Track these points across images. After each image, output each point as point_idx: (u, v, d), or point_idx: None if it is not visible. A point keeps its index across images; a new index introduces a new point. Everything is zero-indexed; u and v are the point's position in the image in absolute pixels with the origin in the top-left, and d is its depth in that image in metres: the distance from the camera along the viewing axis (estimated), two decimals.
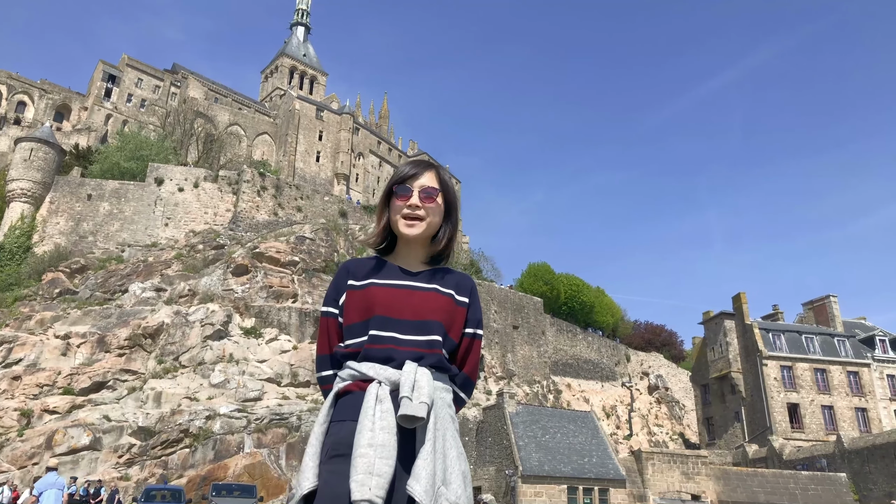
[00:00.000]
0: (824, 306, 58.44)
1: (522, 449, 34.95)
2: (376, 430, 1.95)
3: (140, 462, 32.41)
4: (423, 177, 2.35)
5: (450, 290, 2.30)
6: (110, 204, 54.17)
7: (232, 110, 78.66)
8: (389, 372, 2.09)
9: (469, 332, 2.32)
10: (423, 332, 2.17)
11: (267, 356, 41.10)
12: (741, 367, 53.69)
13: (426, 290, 2.25)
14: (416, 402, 1.99)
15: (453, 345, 2.28)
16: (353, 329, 2.23)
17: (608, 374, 71.06)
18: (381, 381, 2.07)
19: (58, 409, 34.73)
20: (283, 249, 48.59)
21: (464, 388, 2.33)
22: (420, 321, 2.18)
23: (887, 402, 52.62)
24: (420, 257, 2.37)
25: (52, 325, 40.47)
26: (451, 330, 2.26)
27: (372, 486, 1.86)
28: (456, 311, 2.28)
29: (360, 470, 1.88)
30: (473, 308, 2.35)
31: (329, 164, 79.46)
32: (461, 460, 2.07)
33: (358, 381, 2.12)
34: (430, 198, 2.32)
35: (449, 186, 2.42)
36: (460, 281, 2.36)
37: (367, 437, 1.94)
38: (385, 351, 2.13)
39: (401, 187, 2.33)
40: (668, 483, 35.96)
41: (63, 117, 73.04)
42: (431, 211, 2.32)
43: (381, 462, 1.90)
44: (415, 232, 2.30)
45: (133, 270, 47.37)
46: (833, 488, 38.75)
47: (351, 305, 2.26)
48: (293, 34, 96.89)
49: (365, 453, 1.91)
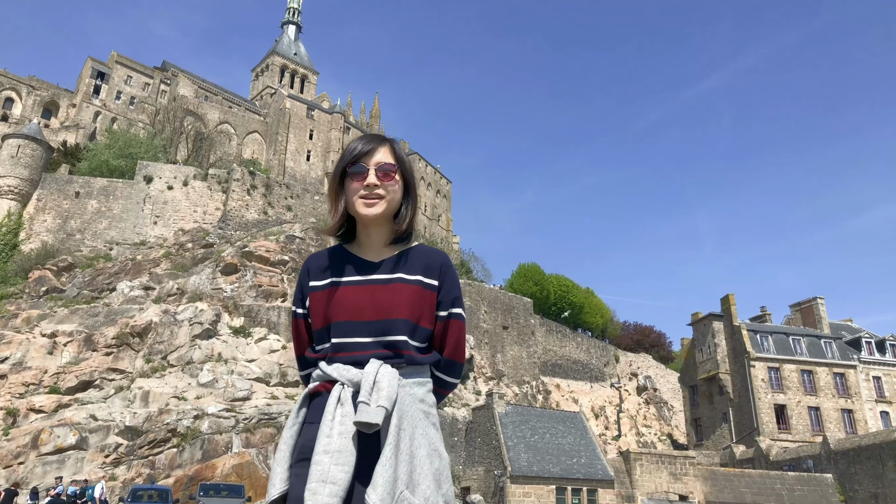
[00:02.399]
0: (811, 308, 58.89)
1: (511, 449, 35.00)
2: (334, 436, 1.87)
3: (127, 462, 32.18)
4: (377, 153, 2.17)
5: (417, 275, 2.12)
6: (98, 202, 53.79)
7: (222, 109, 78.29)
8: (352, 373, 1.99)
9: (443, 315, 2.16)
10: (389, 333, 2.04)
11: (256, 356, 40.93)
12: (729, 369, 54.00)
13: (390, 281, 2.10)
14: (373, 407, 1.88)
15: (428, 332, 2.13)
16: (319, 334, 2.13)
17: (597, 374, 71.28)
18: (345, 384, 1.98)
19: (44, 408, 34.44)
20: (272, 248, 48.43)
21: (448, 372, 2.20)
22: (385, 321, 2.05)
23: (873, 403, 53.08)
24: (382, 240, 2.20)
25: (39, 323, 40.14)
26: (423, 318, 2.10)
27: (324, 493, 1.78)
28: (426, 296, 2.12)
29: (314, 477, 1.81)
30: (446, 287, 2.17)
31: (319, 164, 79.25)
32: (434, 458, 1.94)
33: (325, 383, 2.04)
34: (387, 175, 2.14)
35: (405, 161, 2.24)
36: (429, 261, 2.17)
37: (323, 444, 1.86)
38: (351, 357, 2.04)
39: (355, 167, 2.14)
40: (656, 484, 36.12)
41: (51, 114, 72.44)
42: (391, 189, 2.15)
43: (336, 469, 1.81)
44: (375, 211, 2.12)
45: (121, 269, 47.07)
46: (819, 489, 39.04)
47: (315, 310, 2.15)
48: (284, 33, 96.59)
49: (320, 460, 1.83)
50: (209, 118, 75.02)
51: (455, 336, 2.17)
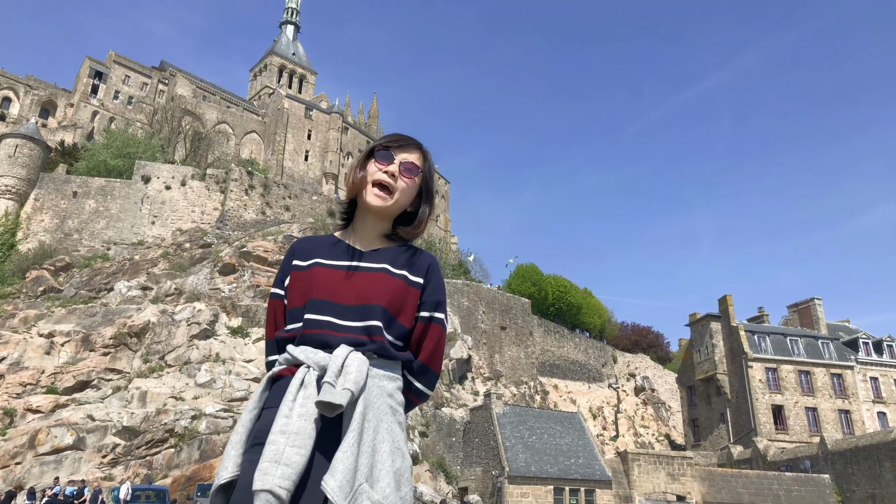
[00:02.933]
0: (809, 309, 59.00)
1: (509, 450, 35.01)
2: (293, 417, 1.79)
3: (124, 462, 32.13)
4: (408, 150, 2.19)
5: (402, 270, 2.10)
6: (96, 201, 53.73)
7: (220, 108, 78.25)
8: (320, 356, 1.92)
9: (424, 316, 2.11)
10: (364, 318, 2.00)
11: (254, 356, 40.89)
12: (727, 369, 54.08)
13: (374, 270, 2.08)
14: (338, 389, 1.81)
15: (404, 330, 2.07)
16: (293, 313, 2.08)
17: (595, 375, 71.33)
18: (311, 366, 1.91)
19: (41, 408, 34.36)
20: (270, 249, 48.39)
21: (421, 378, 2.12)
22: (361, 305, 2.01)
23: (870, 404, 53.18)
24: (376, 232, 2.19)
25: (36, 323, 40.07)
26: (402, 314, 2.06)
27: (276, 475, 1.68)
28: (408, 291, 2.08)
29: (267, 458, 1.72)
30: (431, 288, 2.13)
31: (318, 164, 79.23)
32: (396, 457, 1.85)
33: (291, 366, 1.98)
34: (409, 173, 2.15)
35: (431, 171, 2.26)
36: (417, 260, 2.15)
37: (280, 423, 1.78)
38: (321, 336, 1.98)
39: (383, 153, 2.15)
40: (653, 484, 36.16)
41: (49, 114, 72.33)
42: (405, 187, 2.15)
43: (291, 450, 1.73)
44: (380, 204, 2.12)
45: (119, 269, 47.02)
46: (816, 489, 39.10)
47: (293, 287, 2.11)
48: (283, 33, 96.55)
49: (275, 440, 1.75)
50: (207, 118, 74.95)
51: (434, 341, 2.12)
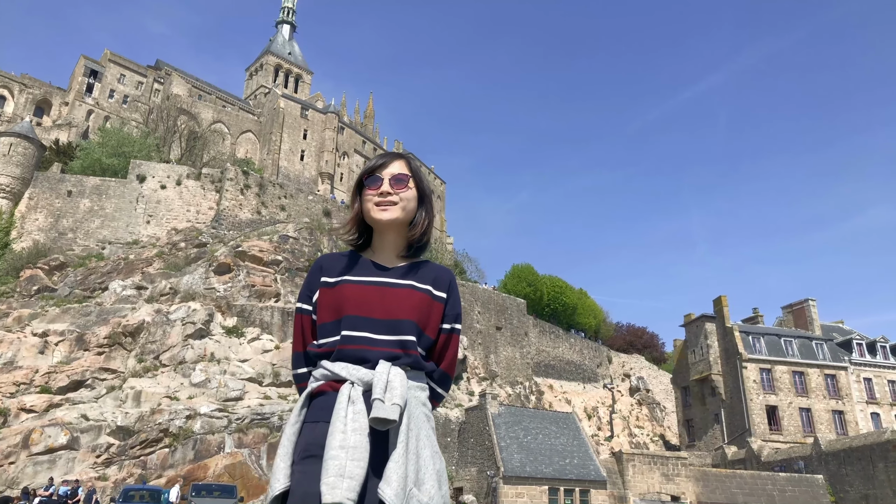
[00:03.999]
0: (803, 310, 59.19)
1: (504, 450, 35.04)
2: (348, 432, 1.92)
3: (118, 462, 32.04)
4: (392, 165, 2.31)
5: (427, 285, 2.24)
6: (91, 201, 53.55)
7: (216, 108, 78.09)
8: (362, 372, 2.05)
9: (447, 328, 2.27)
10: (397, 332, 2.13)
11: (249, 356, 40.83)
12: (721, 370, 54.21)
13: (401, 286, 2.20)
14: (388, 405, 1.96)
15: (430, 341, 2.22)
16: (325, 328, 2.19)
17: (590, 375, 71.44)
18: (354, 382, 2.03)
19: (35, 407, 34.25)
20: (265, 248, 48.31)
21: (441, 384, 2.29)
22: (393, 320, 2.14)
23: (864, 405, 53.38)
24: (396, 249, 2.32)
25: (30, 322, 39.93)
26: (428, 327, 2.21)
27: (343, 488, 1.83)
28: (433, 306, 2.23)
29: (332, 472, 1.85)
30: (451, 302, 2.29)
31: (313, 164, 79.15)
32: (436, 459, 2.04)
33: (331, 382, 2.09)
34: (401, 184, 2.27)
35: (420, 174, 2.37)
36: (438, 275, 2.29)
37: (338, 439, 1.90)
38: (358, 351, 2.10)
39: (371, 178, 2.29)
40: (648, 484, 36.23)
41: (43, 112, 72.09)
42: (404, 196, 2.27)
43: (352, 464, 1.87)
44: (388, 216, 2.24)
45: (113, 268, 46.87)
46: (810, 490, 39.24)
47: (324, 303, 2.22)
48: (279, 32, 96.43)
49: (336, 455, 1.88)
50: (203, 117, 74.81)
51: (454, 350, 2.31)
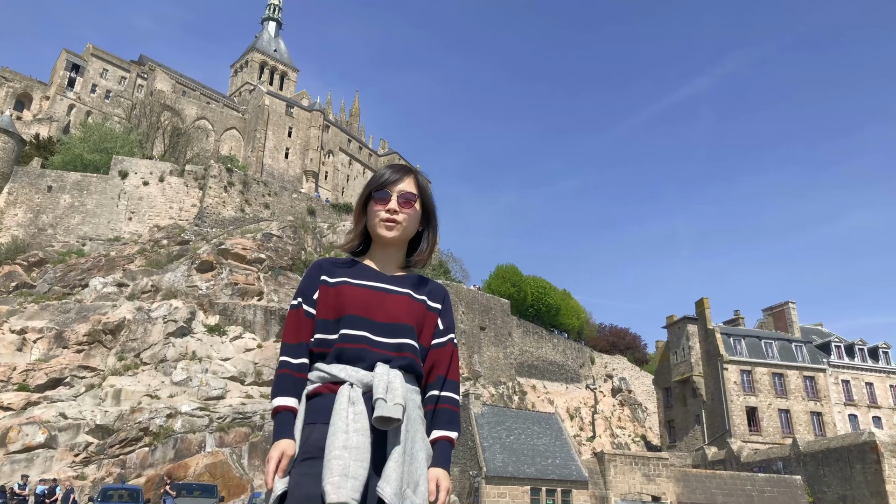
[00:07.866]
0: (783, 312, 59.82)
1: (487, 450, 35.08)
2: (350, 433, 1.94)
3: (97, 461, 31.70)
4: (402, 182, 2.37)
5: (422, 296, 2.33)
6: (72, 196, 52.92)
7: (200, 104, 77.45)
8: (361, 374, 2.09)
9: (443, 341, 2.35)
10: (396, 335, 2.19)
11: (231, 354, 40.55)
12: (703, 371, 54.67)
13: (399, 293, 2.28)
14: (391, 404, 2.00)
15: (424, 351, 2.29)
16: (324, 325, 2.23)
17: (573, 376, 71.75)
18: (353, 383, 2.07)
19: (12, 405, 33.78)
20: (249, 246, 48.00)
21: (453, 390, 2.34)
22: (393, 323, 2.20)
23: (842, 406, 54.06)
24: (396, 261, 2.40)
25: (8, 319, 39.36)
26: (423, 335, 2.28)
27: (348, 487, 1.86)
28: (427, 316, 2.31)
29: (336, 472, 1.88)
30: (446, 314, 2.39)
31: (298, 161, 78.79)
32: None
33: (328, 384, 2.11)
34: (408, 203, 2.35)
35: (427, 192, 2.46)
36: (434, 288, 2.39)
37: (341, 440, 1.93)
38: (357, 351, 2.14)
39: (380, 192, 2.35)
40: (629, 485, 36.44)
41: (24, 106, 71.06)
42: (408, 216, 2.35)
43: (355, 464, 1.90)
44: (392, 234, 2.32)
45: (94, 265, 46.33)
46: (788, 490, 39.67)
47: (323, 301, 2.26)
48: (264, 29, 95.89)
49: (340, 455, 1.90)
50: (186, 113, 74.19)
51: (457, 359, 2.40)
